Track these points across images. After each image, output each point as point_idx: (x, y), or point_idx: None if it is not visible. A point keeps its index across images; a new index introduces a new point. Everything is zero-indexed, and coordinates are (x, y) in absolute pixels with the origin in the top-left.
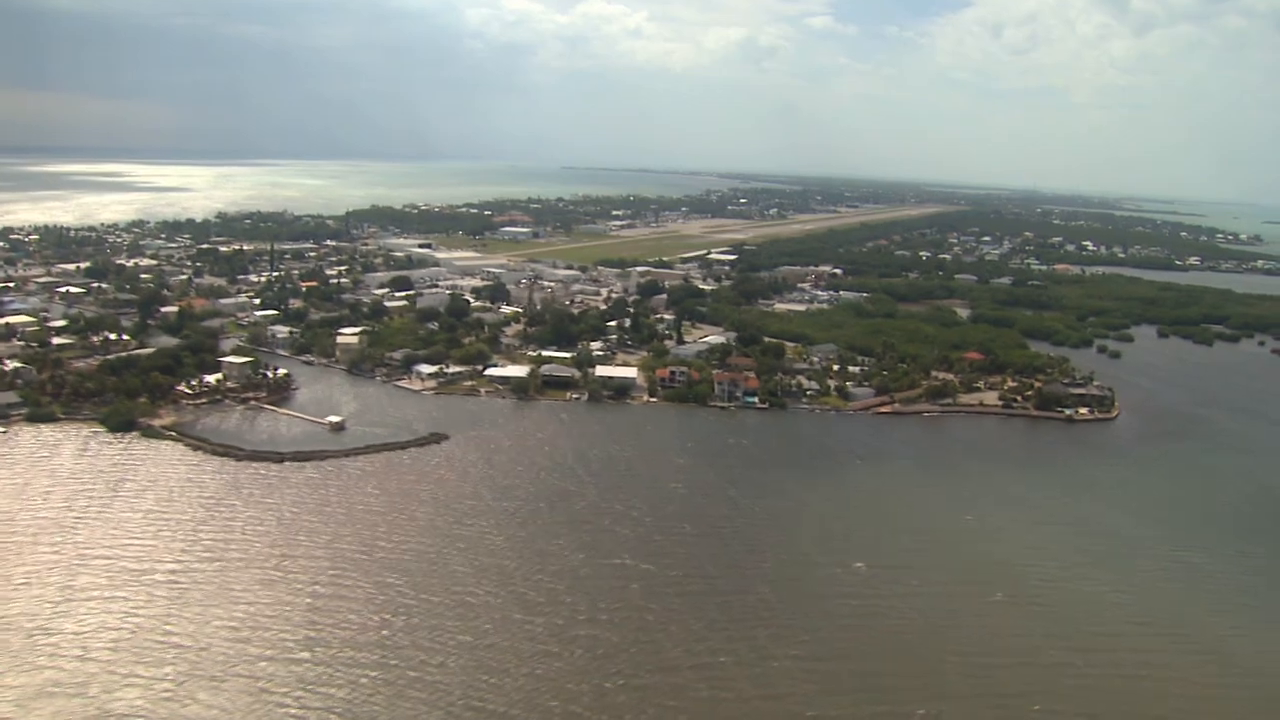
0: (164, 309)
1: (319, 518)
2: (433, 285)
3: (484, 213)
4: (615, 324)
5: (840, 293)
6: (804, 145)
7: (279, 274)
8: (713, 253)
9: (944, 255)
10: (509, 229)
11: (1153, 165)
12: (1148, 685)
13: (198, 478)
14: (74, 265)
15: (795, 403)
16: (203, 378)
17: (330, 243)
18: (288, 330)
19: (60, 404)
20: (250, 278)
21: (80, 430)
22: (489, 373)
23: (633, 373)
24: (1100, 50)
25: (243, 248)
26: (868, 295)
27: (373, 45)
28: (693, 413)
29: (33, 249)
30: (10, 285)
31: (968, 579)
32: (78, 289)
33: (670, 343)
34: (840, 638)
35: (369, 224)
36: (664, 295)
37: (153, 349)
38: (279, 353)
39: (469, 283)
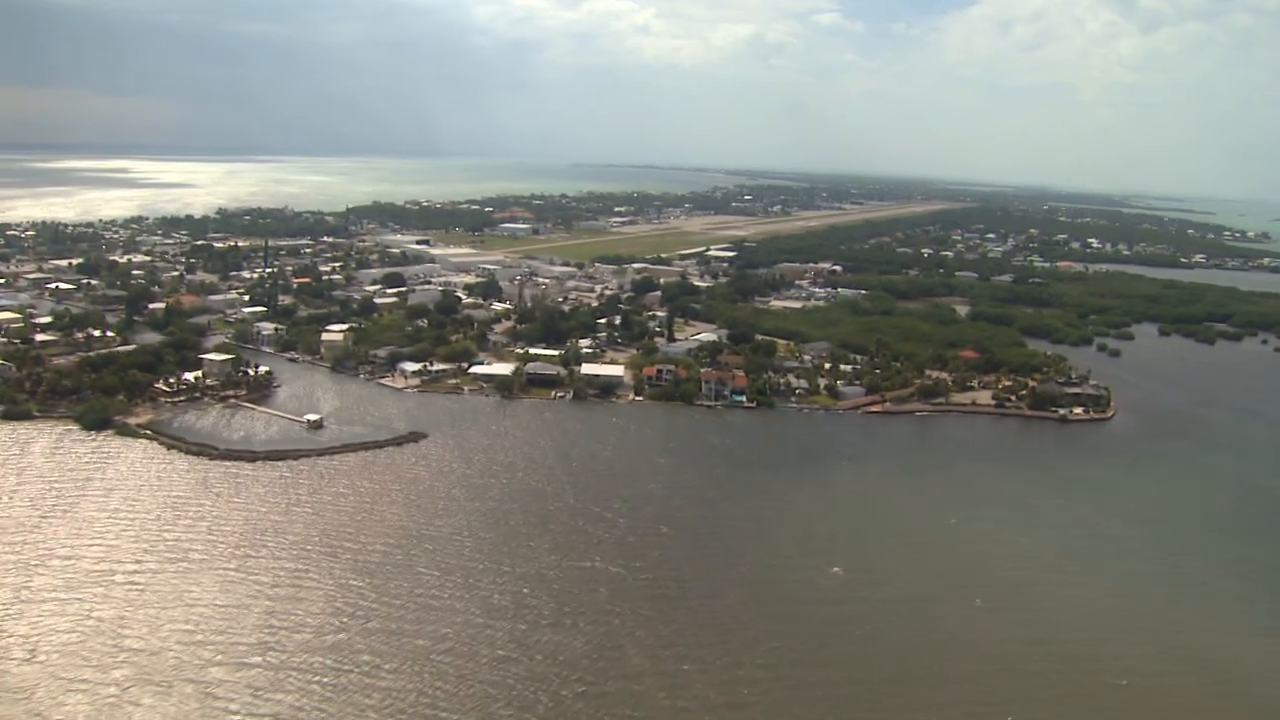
0: (152, 305)
1: (287, 518)
2: (425, 282)
3: (485, 209)
4: (606, 321)
5: (838, 290)
6: (812, 142)
7: (272, 270)
8: (712, 249)
9: (946, 252)
10: (509, 225)
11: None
12: (1130, 695)
13: (168, 477)
14: (66, 261)
15: (784, 401)
16: (181, 375)
17: (327, 239)
18: (273, 327)
19: (36, 401)
20: (244, 274)
21: (55, 428)
22: (474, 371)
23: (619, 370)
24: (1108, 48)
25: (237, 244)
26: (866, 292)
27: (379, 42)
28: (678, 411)
29: (28, 245)
30: (0, 281)
31: (948, 584)
32: (67, 285)
33: (661, 340)
34: (812, 645)
35: (368, 220)
36: (658, 292)
37: (134, 346)
38: (264, 350)
39: (462, 279)
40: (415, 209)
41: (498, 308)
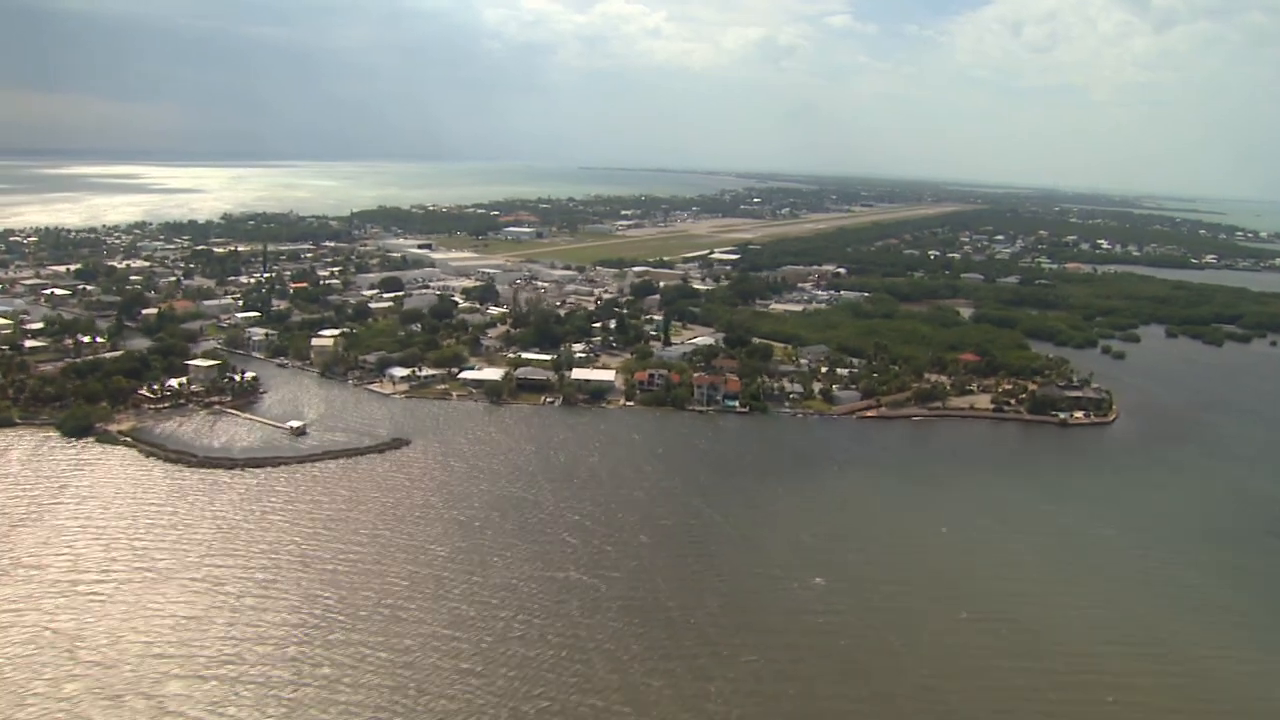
0: (145, 311)
1: (260, 526)
2: (423, 286)
3: (491, 213)
4: (601, 325)
5: (840, 292)
6: (823, 145)
7: (270, 275)
8: (716, 252)
9: (953, 254)
10: (512, 229)
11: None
12: (1117, 710)
13: (143, 485)
14: (64, 267)
15: (778, 406)
16: (166, 382)
17: (329, 244)
18: (264, 333)
19: (19, 408)
20: (241, 279)
21: (36, 435)
22: (463, 375)
23: (610, 375)
24: (1121, 47)
25: (237, 249)
26: (868, 295)
27: (389, 46)
28: (669, 417)
29: (29, 251)
30: None
31: (933, 595)
32: (63, 291)
33: (657, 344)
34: (787, 658)
35: (372, 225)
36: (657, 296)
37: (121, 352)
38: (255, 355)
39: (461, 283)
40: (420, 213)
41: (494, 312)
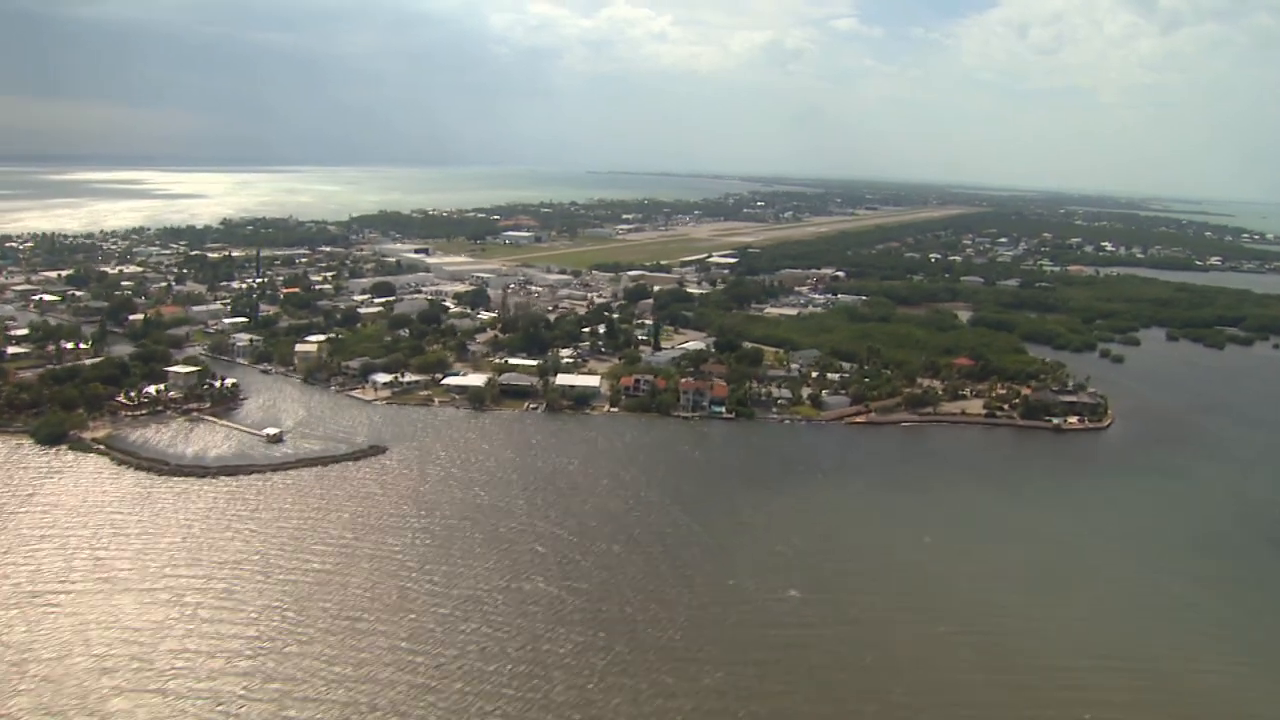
0: (132, 317)
1: (227, 535)
2: (415, 291)
3: (491, 217)
4: (590, 330)
5: (837, 296)
6: (829, 148)
7: (262, 280)
8: (714, 256)
9: (955, 257)
10: (511, 233)
11: (1180, 164)
12: None
13: (112, 493)
14: (56, 273)
15: (765, 412)
16: (144, 388)
17: (325, 248)
18: (248, 338)
19: None
20: (233, 284)
21: (9, 442)
22: (446, 381)
23: (595, 381)
24: (1127, 49)
25: (231, 254)
26: (865, 298)
27: (395, 52)
28: (653, 423)
29: (23, 256)
30: None
31: (913, 608)
32: (52, 297)
33: (647, 349)
34: (753, 674)
35: (371, 229)
36: (651, 300)
37: (101, 358)
38: (239, 361)
39: (453, 288)
40: (420, 217)
41: (484, 317)
